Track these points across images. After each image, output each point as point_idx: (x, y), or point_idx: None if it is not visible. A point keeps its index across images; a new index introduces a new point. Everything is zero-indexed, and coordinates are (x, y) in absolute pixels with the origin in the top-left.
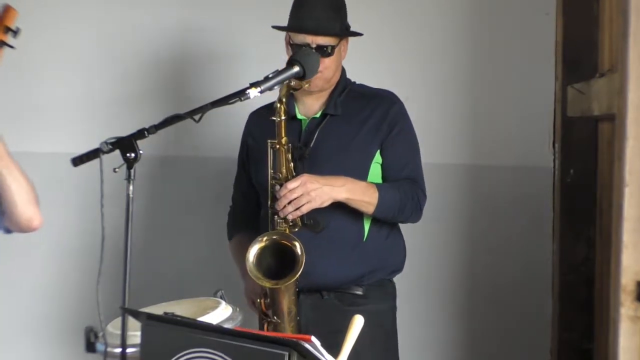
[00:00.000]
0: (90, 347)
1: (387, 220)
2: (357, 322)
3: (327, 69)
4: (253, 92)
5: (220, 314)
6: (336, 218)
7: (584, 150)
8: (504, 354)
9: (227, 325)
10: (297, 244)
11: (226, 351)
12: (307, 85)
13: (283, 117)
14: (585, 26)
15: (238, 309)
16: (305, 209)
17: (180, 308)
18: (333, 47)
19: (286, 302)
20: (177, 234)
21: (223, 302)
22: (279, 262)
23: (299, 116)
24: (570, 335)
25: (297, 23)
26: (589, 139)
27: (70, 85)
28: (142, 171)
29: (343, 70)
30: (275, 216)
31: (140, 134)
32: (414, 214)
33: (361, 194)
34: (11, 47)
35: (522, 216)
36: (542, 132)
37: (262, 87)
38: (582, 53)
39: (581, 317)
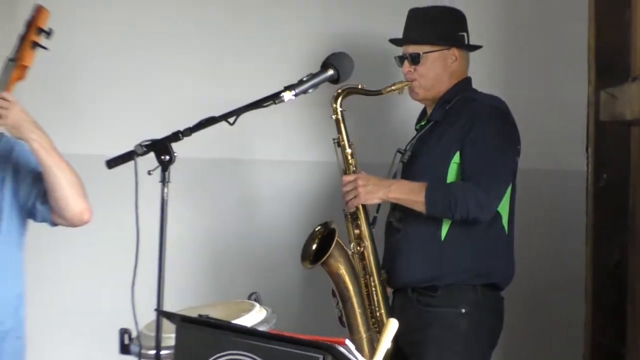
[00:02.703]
0: (124, 348)
1: (444, 218)
2: (391, 326)
3: (422, 77)
4: (287, 95)
5: (254, 316)
6: (414, 217)
7: (616, 154)
8: (538, 359)
9: (261, 328)
10: (332, 230)
11: (260, 354)
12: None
13: (338, 116)
14: (617, 31)
15: (272, 312)
16: (351, 204)
17: (215, 310)
18: (420, 55)
19: (341, 287)
20: (212, 236)
21: (257, 305)
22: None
23: (417, 127)
24: (603, 339)
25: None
26: (621, 143)
27: (105, 87)
28: (177, 173)
29: (464, 80)
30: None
31: (175, 136)
32: (472, 213)
33: (407, 194)
34: (44, 48)
35: (556, 220)
36: (576, 135)
37: (297, 90)
38: (614, 57)
39: (614, 321)
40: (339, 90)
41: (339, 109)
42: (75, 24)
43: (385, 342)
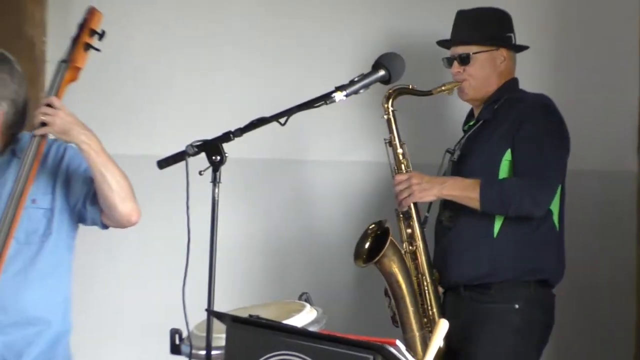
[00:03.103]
0: (175, 349)
1: (502, 215)
2: (442, 327)
3: (470, 77)
4: (338, 96)
5: (305, 317)
6: (467, 215)
7: None
8: (588, 357)
9: (312, 329)
10: (386, 229)
11: (311, 354)
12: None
13: (390, 116)
14: None
15: (323, 312)
16: (405, 203)
17: (265, 311)
18: (470, 56)
19: (398, 290)
20: (262, 236)
21: (308, 305)
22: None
23: (465, 128)
24: None
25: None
26: None
27: (157, 87)
28: (228, 174)
29: (511, 81)
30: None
31: (226, 136)
32: (527, 208)
33: (461, 190)
34: (97, 49)
35: (606, 220)
36: (627, 136)
37: (348, 91)
38: None
39: None
40: (390, 91)
41: (391, 109)
42: (127, 25)
43: (436, 343)
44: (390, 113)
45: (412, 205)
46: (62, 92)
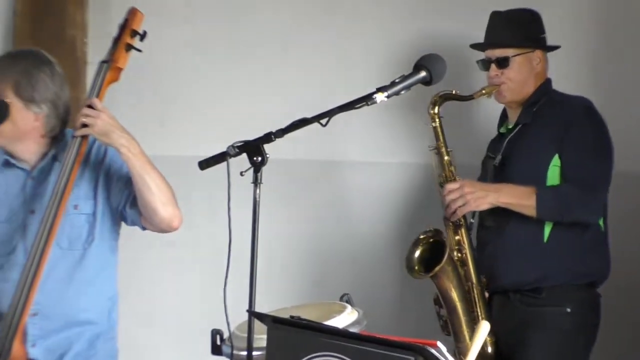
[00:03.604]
0: (216, 349)
1: (555, 221)
2: (483, 328)
3: (509, 80)
4: (380, 97)
5: (346, 318)
6: (515, 220)
7: None
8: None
9: (352, 330)
10: (443, 239)
11: (352, 355)
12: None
13: (437, 123)
14: None
15: (364, 313)
16: (460, 212)
17: (306, 311)
18: (508, 58)
19: (450, 298)
20: (303, 237)
21: (349, 306)
22: (437, 258)
23: (502, 130)
24: None
25: (483, 40)
26: None
27: (198, 88)
28: (269, 174)
29: (546, 82)
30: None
31: (267, 137)
32: (583, 217)
33: (517, 198)
34: (138, 50)
35: None
36: None
37: (389, 92)
38: None
39: None
40: (436, 97)
41: (437, 116)
42: (167, 26)
43: (477, 344)
44: (437, 120)
45: None
46: (103, 93)
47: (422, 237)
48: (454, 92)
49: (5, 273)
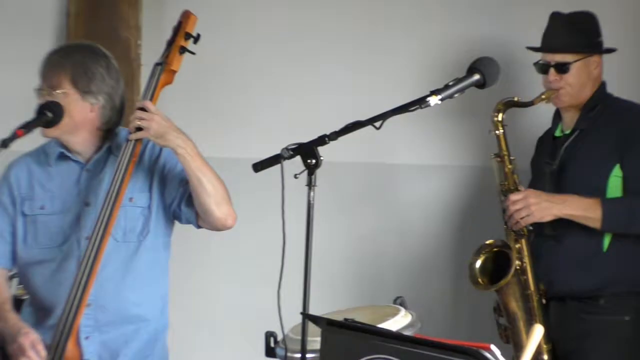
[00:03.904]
0: (270, 351)
1: (621, 233)
2: (537, 332)
3: (568, 85)
4: (433, 100)
5: (399, 321)
6: (573, 229)
7: None
8: None
9: (406, 333)
10: (510, 252)
11: (405, 358)
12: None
13: (501, 131)
14: None
15: (417, 316)
16: (523, 222)
17: (360, 314)
18: (569, 64)
19: (513, 307)
20: (357, 239)
21: (403, 310)
22: (501, 269)
23: (557, 134)
24: None
25: (541, 43)
26: None
27: (251, 91)
28: (323, 177)
29: (602, 85)
30: (505, 225)
31: (321, 140)
32: None
33: (582, 210)
34: (192, 53)
35: None
36: None
37: (443, 95)
38: None
39: None
40: (500, 105)
41: (501, 124)
42: (220, 28)
43: (531, 347)
44: (501, 128)
45: None
46: (157, 95)
47: (485, 246)
48: (515, 99)
49: (61, 263)
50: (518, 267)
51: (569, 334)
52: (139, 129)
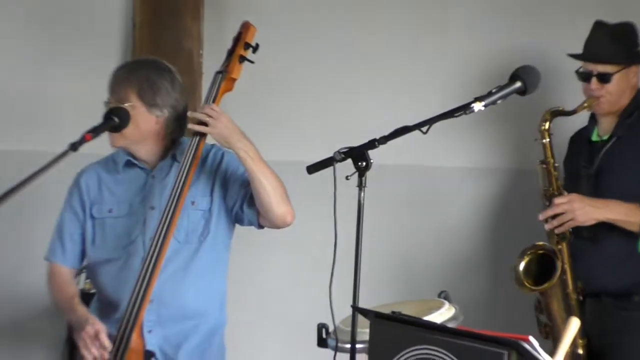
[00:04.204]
0: (322, 342)
1: None
2: (572, 324)
3: (609, 93)
4: (477, 106)
5: (443, 313)
6: (609, 231)
7: None
8: None
9: (449, 325)
10: (555, 256)
11: (449, 349)
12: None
13: (547, 139)
14: None
15: (460, 310)
16: (567, 226)
17: (406, 307)
18: (611, 75)
19: (555, 308)
20: (404, 237)
21: (447, 303)
22: (544, 270)
23: (594, 138)
24: None
25: (583, 52)
26: None
27: (304, 98)
28: (373, 178)
29: (638, 93)
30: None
31: (371, 144)
32: None
33: (623, 215)
34: (251, 62)
35: None
36: None
37: (486, 101)
38: None
39: None
40: (547, 115)
41: (548, 133)
42: (275, 37)
43: (567, 341)
44: (548, 137)
45: None
46: (218, 102)
47: (529, 248)
48: (560, 108)
49: (127, 262)
50: (559, 268)
51: (603, 329)
52: (203, 124)
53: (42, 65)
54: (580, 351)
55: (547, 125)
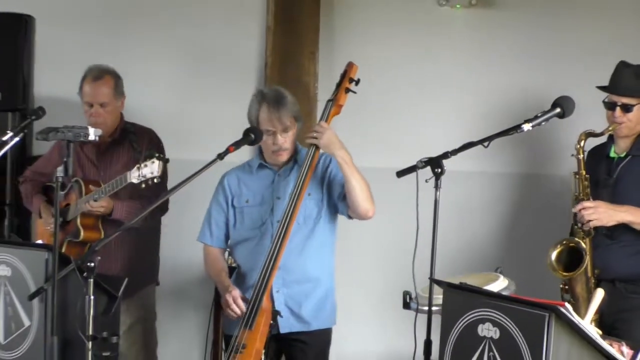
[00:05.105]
0: (406, 305)
1: None
2: (598, 294)
3: (629, 120)
4: (526, 127)
5: (499, 284)
6: (624, 230)
7: None
8: None
9: (504, 293)
10: (583, 249)
11: (502, 311)
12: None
13: (581, 155)
14: None
15: (512, 280)
16: (592, 224)
17: (470, 279)
18: (633, 106)
19: (578, 289)
20: (468, 225)
21: (502, 276)
22: (571, 259)
23: (611, 155)
24: None
25: (609, 85)
26: None
27: (394, 117)
28: (446, 182)
29: None
30: (575, 226)
31: (445, 155)
32: None
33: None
34: (354, 92)
35: None
36: None
37: (533, 123)
38: None
39: None
40: (582, 136)
41: (582, 150)
42: (370, 74)
43: (593, 307)
44: (582, 153)
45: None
46: (329, 122)
47: (562, 240)
48: (593, 130)
49: (260, 240)
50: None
51: (615, 308)
52: (315, 138)
53: (195, 94)
54: (592, 324)
55: (582, 144)
